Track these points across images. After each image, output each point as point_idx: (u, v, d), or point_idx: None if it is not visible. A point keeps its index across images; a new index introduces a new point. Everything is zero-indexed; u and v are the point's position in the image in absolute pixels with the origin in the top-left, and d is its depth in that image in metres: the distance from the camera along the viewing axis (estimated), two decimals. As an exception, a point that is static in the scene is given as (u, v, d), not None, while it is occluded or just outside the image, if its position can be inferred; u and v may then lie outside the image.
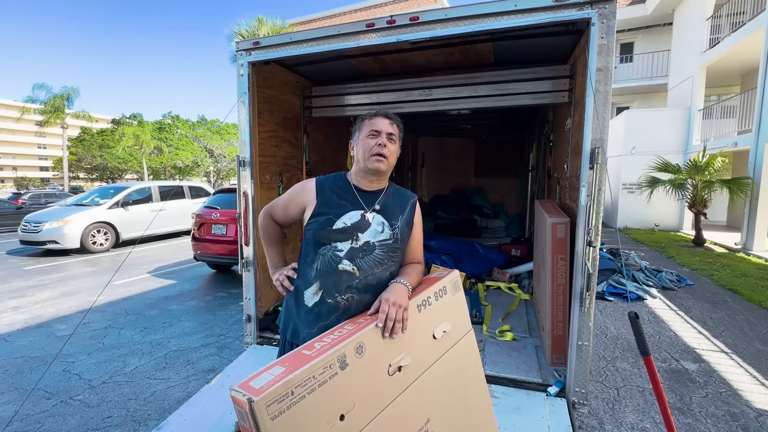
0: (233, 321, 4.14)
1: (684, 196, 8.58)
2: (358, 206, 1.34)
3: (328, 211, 1.32)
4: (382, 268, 1.30)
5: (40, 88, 23.86)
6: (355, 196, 1.36)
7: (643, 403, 2.61)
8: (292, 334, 1.34)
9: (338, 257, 1.27)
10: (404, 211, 1.38)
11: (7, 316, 4.34)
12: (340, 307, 1.27)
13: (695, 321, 4.11)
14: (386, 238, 1.31)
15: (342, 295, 1.26)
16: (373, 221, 1.32)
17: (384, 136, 1.33)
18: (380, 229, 1.31)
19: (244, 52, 2.48)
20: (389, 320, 1.10)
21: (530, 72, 2.86)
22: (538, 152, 4.86)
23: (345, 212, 1.32)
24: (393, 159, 1.37)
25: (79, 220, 8.01)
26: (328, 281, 1.27)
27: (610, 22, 1.82)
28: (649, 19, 13.71)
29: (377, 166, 1.32)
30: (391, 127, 1.35)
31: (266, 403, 0.75)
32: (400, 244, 1.34)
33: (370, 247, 1.29)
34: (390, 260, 1.32)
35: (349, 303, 1.27)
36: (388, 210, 1.36)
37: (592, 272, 1.84)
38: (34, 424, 2.41)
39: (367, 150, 1.32)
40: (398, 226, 1.34)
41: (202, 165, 36.81)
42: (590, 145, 1.85)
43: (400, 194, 1.43)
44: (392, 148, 1.36)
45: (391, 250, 1.32)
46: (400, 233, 1.34)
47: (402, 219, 1.36)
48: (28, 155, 61.64)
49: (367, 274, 1.27)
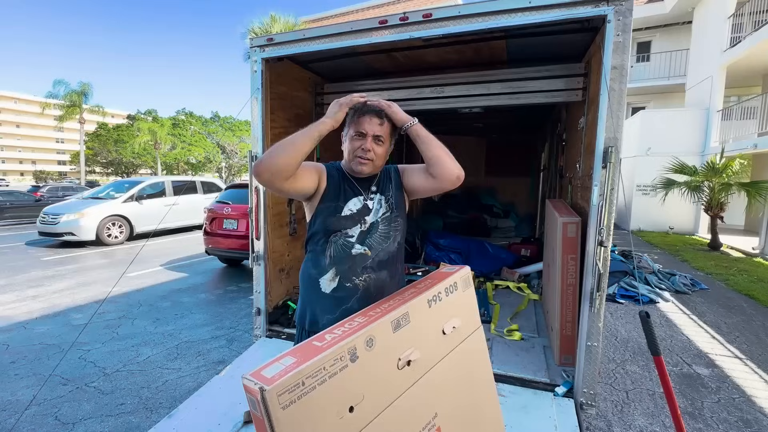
0: (243, 314, 4.20)
1: (700, 199, 8.40)
2: (358, 193, 1.38)
3: (336, 198, 1.35)
4: (389, 242, 1.37)
5: (60, 84, 24.44)
6: (353, 183, 1.38)
7: (653, 406, 2.57)
8: (310, 323, 1.37)
9: (350, 243, 1.32)
10: (392, 181, 1.42)
11: (26, 305, 4.47)
12: (359, 289, 1.32)
13: (709, 326, 4.03)
14: (384, 212, 1.37)
15: (359, 277, 1.32)
16: (373, 203, 1.37)
17: (370, 138, 1.29)
18: (379, 206, 1.37)
19: (257, 48, 2.51)
20: None
21: (544, 70, 2.83)
22: (550, 151, 4.81)
23: (349, 198, 1.36)
24: (380, 161, 1.35)
25: (95, 213, 8.20)
26: (343, 266, 1.32)
27: (627, 19, 1.79)
28: (667, 18, 13.40)
29: (360, 169, 1.32)
30: (379, 128, 1.30)
31: (278, 393, 0.76)
32: (397, 212, 1.39)
33: (374, 225, 1.35)
34: (394, 230, 1.38)
35: (367, 283, 1.32)
36: (382, 186, 1.41)
37: (602, 272, 1.83)
38: (51, 409, 2.48)
39: (351, 152, 1.31)
40: (392, 196, 1.39)
41: (214, 161, 37.29)
42: (604, 145, 1.83)
43: (385, 170, 1.46)
44: (379, 150, 1.31)
45: (392, 221, 1.38)
46: (394, 202, 1.39)
47: (392, 188, 1.41)
48: (46, 149, 63.26)
49: (378, 251, 1.34)
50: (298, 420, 0.79)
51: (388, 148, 1.37)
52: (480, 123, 5.91)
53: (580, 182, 2.74)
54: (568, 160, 3.47)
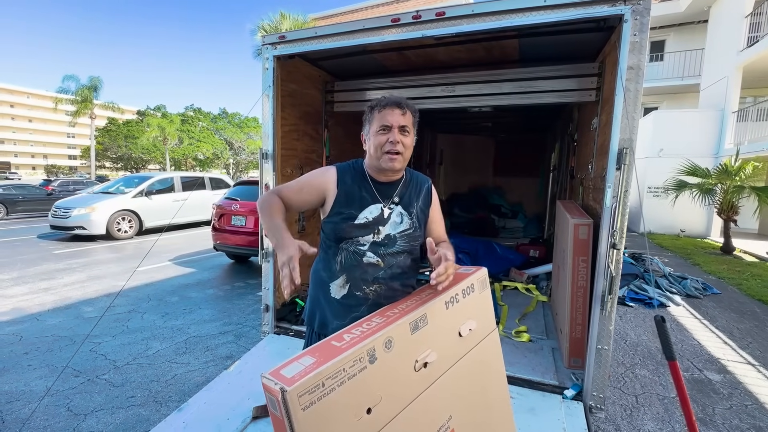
0: (250, 311, 4.23)
1: (713, 202, 8.26)
2: (376, 200, 1.31)
3: (349, 205, 1.29)
4: (404, 256, 1.32)
5: (70, 79, 24.76)
6: (372, 188, 1.31)
7: (663, 411, 2.54)
8: (319, 325, 1.36)
9: (361, 251, 1.28)
10: (420, 197, 1.37)
11: (38, 297, 4.55)
12: (369, 298, 1.28)
13: (721, 331, 3.96)
14: (406, 228, 1.32)
15: (369, 286, 1.28)
16: (393, 214, 1.31)
17: (396, 130, 1.22)
18: (399, 220, 1.31)
19: (269, 45, 2.51)
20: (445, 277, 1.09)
21: (556, 69, 2.80)
22: (561, 152, 4.76)
23: (366, 206, 1.29)
24: (408, 152, 1.27)
25: (105, 207, 8.30)
26: (353, 274, 1.28)
27: (644, 18, 1.76)
28: (682, 17, 13.18)
29: (391, 165, 1.24)
30: (403, 118, 1.23)
31: (298, 394, 0.76)
32: (420, 231, 1.35)
33: (391, 239, 1.29)
34: (412, 248, 1.34)
35: (378, 293, 1.29)
36: (405, 200, 1.34)
37: (615, 275, 1.80)
38: (63, 400, 2.53)
39: (379, 147, 1.23)
40: (415, 214, 1.34)
41: (222, 157, 37.54)
42: (618, 146, 1.80)
43: (415, 180, 1.39)
44: (407, 141, 1.25)
45: (413, 239, 1.33)
46: (417, 221, 1.34)
47: (418, 206, 1.36)
48: (57, 144, 64.24)
49: (391, 264, 1.29)
50: (317, 421, 0.79)
51: (413, 138, 1.29)
52: (489, 122, 5.88)
53: (592, 183, 2.71)
54: (580, 160, 3.43)
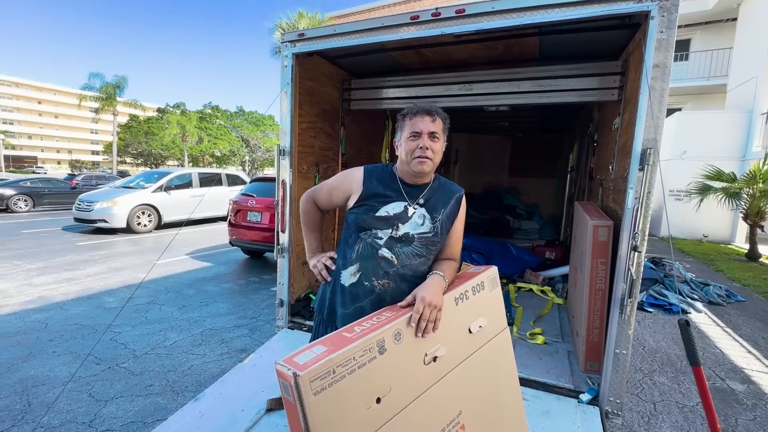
0: (264, 305, 4.29)
1: (739, 206, 7.96)
2: (402, 198, 1.34)
3: (373, 198, 1.34)
4: (420, 260, 1.31)
5: (95, 77, 25.53)
6: (399, 188, 1.35)
7: (682, 420, 2.47)
8: (328, 313, 1.38)
9: (378, 244, 1.29)
10: (447, 205, 1.37)
11: (62, 287, 4.72)
12: (375, 292, 1.29)
13: (745, 339, 3.83)
14: (426, 231, 1.31)
15: (379, 279, 1.29)
16: (415, 214, 1.32)
17: (426, 137, 1.28)
18: (421, 221, 1.31)
19: (288, 43, 2.54)
20: (422, 320, 1.08)
21: (577, 68, 2.74)
22: (580, 152, 4.67)
23: (389, 202, 1.32)
24: (438, 157, 1.32)
25: (126, 201, 8.54)
26: (367, 264, 1.30)
27: (672, 15, 1.72)
28: (709, 15, 12.73)
29: (421, 168, 1.29)
30: (433, 125, 1.29)
31: (310, 379, 0.79)
32: (439, 238, 1.33)
33: (409, 238, 1.30)
34: (429, 253, 1.32)
35: (385, 289, 1.29)
36: (431, 203, 1.35)
37: (635, 278, 1.76)
38: (85, 386, 2.61)
39: (410, 152, 1.29)
40: (439, 220, 1.33)
41: (238, 154, 38.14)
42: (642, 146, 1.75)
43: (445, 187, 1.41)
44: (436, 147, 1.30)
45: (431, 243, 1.32)
46: (440, 227, 1.33)
47: (444, 212, 1.35)
48: (81, 139, 66.38)
49: (404, 264, 1.29)
50: (328, 407, 0.82)
51: (443, 143, 1.34)
52: (506, 122, 5.80)
53: (613, 184, 2.65)
54: (600, 161, 3.36)
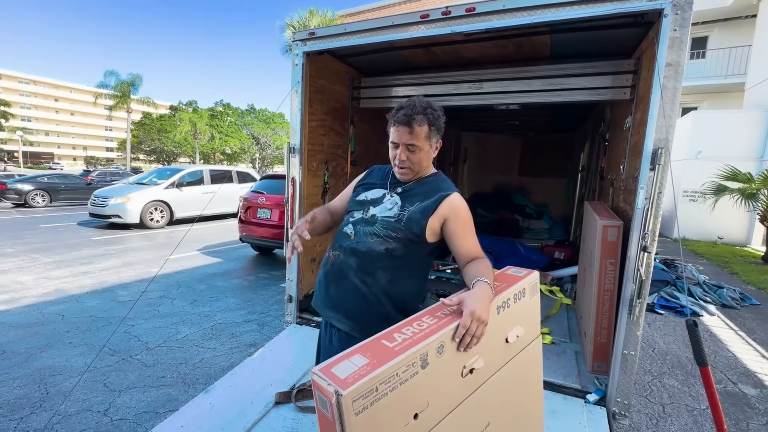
0: (273, 301, 4.35)
1: (756, 208, 7.79)
2: (385, 187, 1.43)
3: (361, 187, 1.48)
4: (375, 240, 1.31)
5: (111, 75, 26.01)
6: (388, 180, 1.45)
7: (691, 423, 2.45)
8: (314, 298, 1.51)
9: (348, 221, 1.40)
10: (425, 200, 1.32)
11: (78, 280, 4.84)
12: (329, 261, 1.39)
13: (759, 343, 3.75)
14: (390, 216, 1.33)
15: (334, 251, 1.38)
16: (389, 200, 1.38)
17: (401, 149, 1.30)
18: (390, 207, 1.36)
19: (299, 42, 2.56)
20: (468, 335, 0.97)
21: (589, 66, 2.71)
22: (590, 152, 4.62)
23: (372, 189, 1.44)
24: (417, 167, 1.35)
25: (139, 197, 8.70)
26: (336, 237, 1.42)
27: (685, 13, 1.69)
28: (727, 11, 12.42)
29: (401, 176, 1.38)
30: (410, 137, 1.27)
31: (353, 398, 0.74)
32: (402, 226, 1.30)
33: (373, 219, 1.35)
34: (386, 236, 1.30)
35: (335, 260, 1.36)
36: (409, 194, 1.37)
37: (645, 279, 1.75)
38: (100, 377, 2.69)
39: (392, 159, 1.37)
40: (409, 209, 1.31)
41: (248, 152, 38.49)
42: (653, 146, 1.74)
43: (434, 185, 1.37)
44: (414, 157, 1.31)
45: (391, 228, 1.30)
46: (407, 216, 1.30)
47: (419, 205, 1.31)
48: (96, 136, 67.69)
49: (359, 240, 1.33)
50: (368, 426, 0.77)
51: (428, 151, 1.33)
52: (516, 121, 5.76)
53: (623, 184, 2.62)
54: (611, 161, 3.32)
